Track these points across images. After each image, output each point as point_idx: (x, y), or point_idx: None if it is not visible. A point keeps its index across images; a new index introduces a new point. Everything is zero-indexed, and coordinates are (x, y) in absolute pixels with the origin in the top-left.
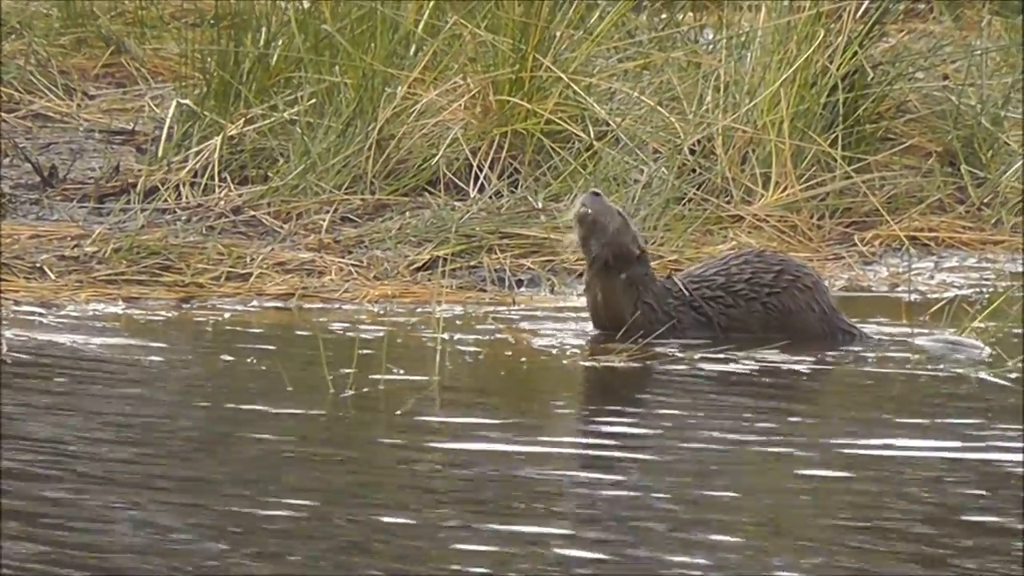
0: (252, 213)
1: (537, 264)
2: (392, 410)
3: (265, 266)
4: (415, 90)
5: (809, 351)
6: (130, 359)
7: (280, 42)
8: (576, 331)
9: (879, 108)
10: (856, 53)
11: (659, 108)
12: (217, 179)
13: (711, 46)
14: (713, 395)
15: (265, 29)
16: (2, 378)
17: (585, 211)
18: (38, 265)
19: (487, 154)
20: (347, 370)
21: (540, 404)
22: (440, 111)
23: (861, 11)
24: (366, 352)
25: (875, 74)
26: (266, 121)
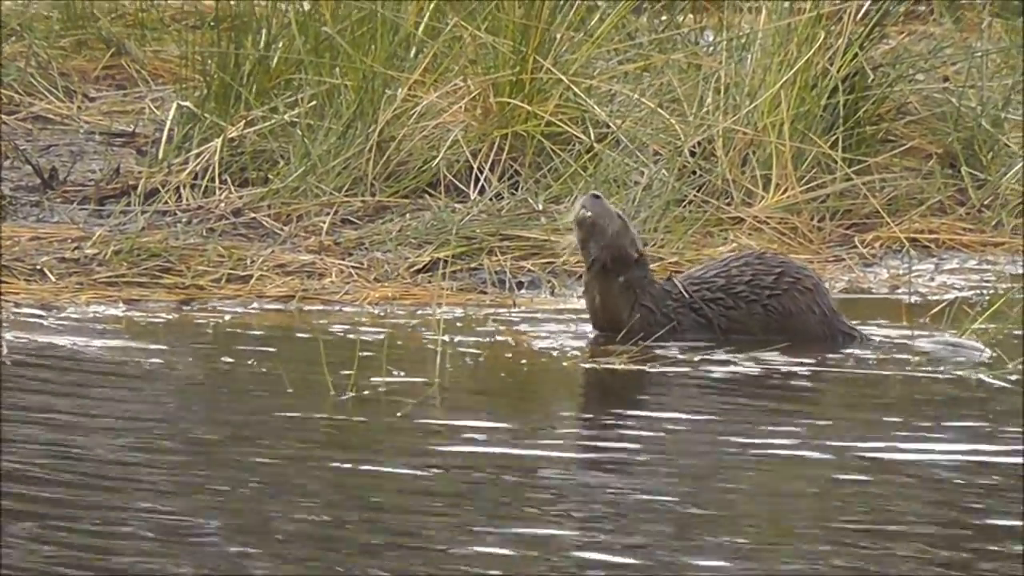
0: (252, 215)
1: (537, 266)
2: (392, 412)
3: (265, 268)
4: (415, 92)
5: (810, 353)
6: (130, 361)
7: (280, 44)
8: (576, 333)
9: (879, 110)
10: (856, 55)
11: (659, 110)
12: (217, 181)
13: (711, 48)
14: (714, 397)
15: (265, 31)
16: (2, 380)
17: (584, 214)
18: (38, 267)
19: (487, 156)
20: (347, 372)
21: (541, 406)
22: (440, 113)
23: (861, 13)
24: (366, 354)
25: (875, 76)
26: (266, 123)
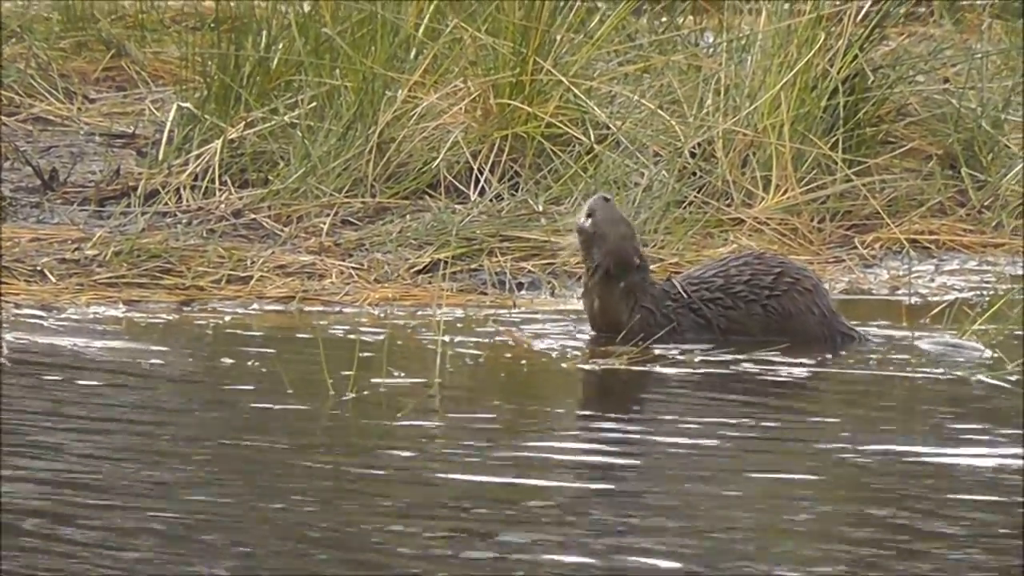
0: (253, 216)
1: (538, 267)
2: (393, 413)
3: (266, 269)
4: (415, 93)
5: (809, 354)
6: (131, 362)
7: (281, 45)
8: (576, 334)
9: (879, 111)
10: (856, 56)
11: (659, 111)
12: (218, 182)
13: (711, 49)
14: (714, 398)
15: (266, 32)
16: (2, 381)
17: (584, 224)
18: (39, 268)
19: (487, 157)
20: (348, 373)
21: (541, 407)
22: (441, 114)
23: (861, 14)
24: (367, 355)
25: (875, 77)
26: (267, 124)
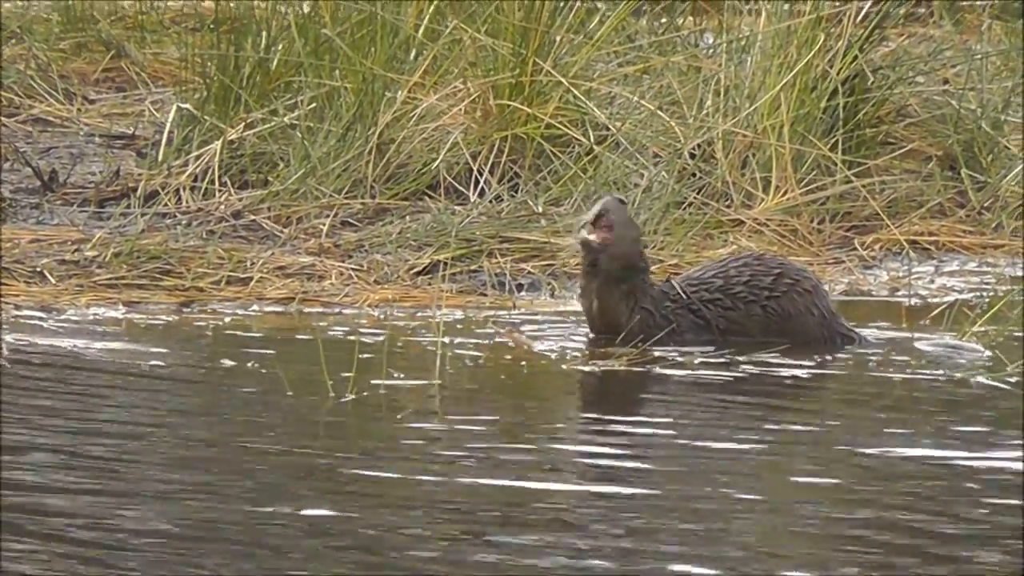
0: (252, 217)
1: (537, 268)
2: (393, 414)
3: (265, 270)
4: (415, 94)
5: (808, 355)
6: (130, 363)
7: (280, 46)
8: (576, 335)
9: (879, 112)
10: (856, 57)
11: (659, 112)
12: (217, 183)
13: (711, 50)
14: (714, 399)
15: (265, 33)
16: (2, 382)
17: (593, 240)
18: (38, 269)
19: (487, 158)
20: (347, 374)
21: (540, 408)
22: (440, 115)
23: (861, 15)
24: (366, 356)
25: (875, 78)
26: (266, 125)
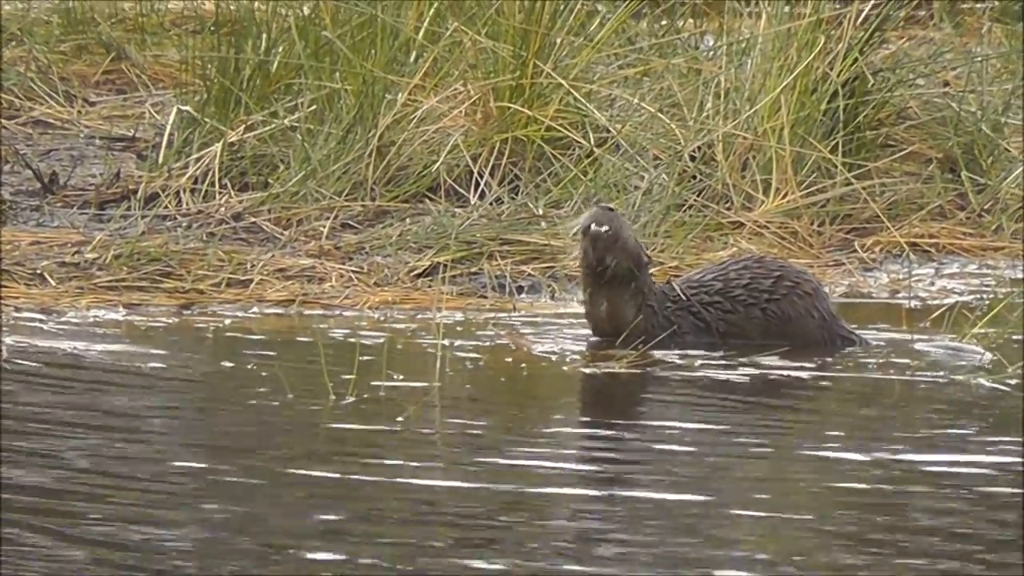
0: (252, 219)
1: (537, 270)
2: (393, 417)
3: (266, 272)
4: (415, 97)
5: (809, 358)
6: (131, 365)
7: (280, 49)
8: (577, 337)
9: (879, 114)
10: (856, 60)
11: (659, 115)
12: (218, 185)
13: (711, 53)
14: (714, 402)
15: (265, 36)
16: (2, 384)
17: (602, 230)
18: (39, 271)
19: (488, 160)
20: (348, 376)
21: (541, 411)
22: (441, 117)
23: (861, 18)
24: (367, 358)
25: (875, 81)
26: (266, 128)
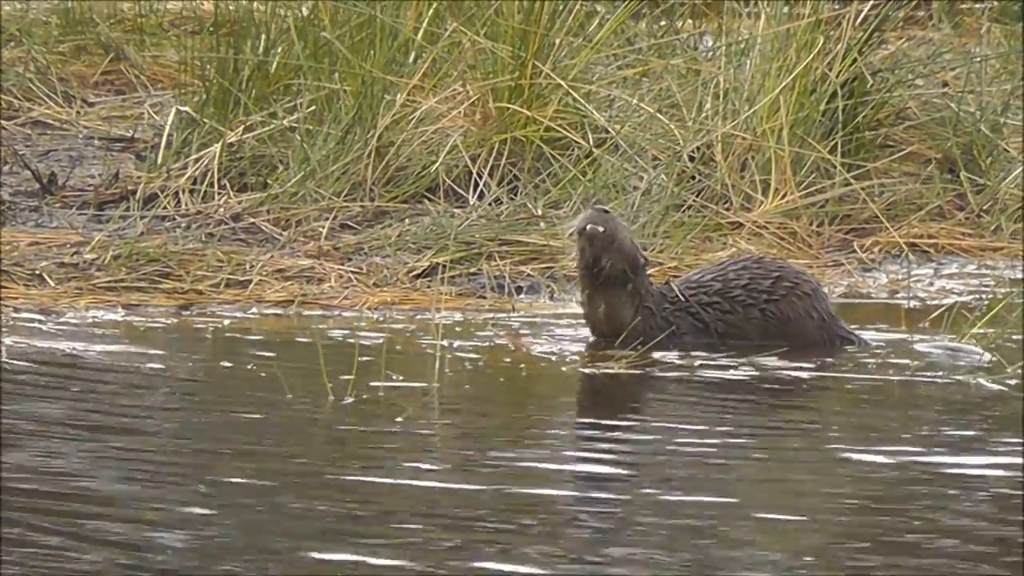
0: (251, 220)
1: (536, 271)
2: (392, 417)
3: (264, 273)
4: (414, 97)
5: (808, 358)
6: (130, 366)
7: (279, 49)
8: (576, 338)
9: (878, 115)
10: (855, 60)
11: (658, 115)
12: (216, 186)
13: (710, 53)
14: (713, 402)
15: (264, 36)
16: (1, 385)
17: (598, 230)
18: (37, 272)
19: (486, 161)
20: (347, 377)
21: (540, 411)
22: (439, 118)
23: (860, 18)
24: (366, 359)
25: (874, 81)
26: (265, 128)
